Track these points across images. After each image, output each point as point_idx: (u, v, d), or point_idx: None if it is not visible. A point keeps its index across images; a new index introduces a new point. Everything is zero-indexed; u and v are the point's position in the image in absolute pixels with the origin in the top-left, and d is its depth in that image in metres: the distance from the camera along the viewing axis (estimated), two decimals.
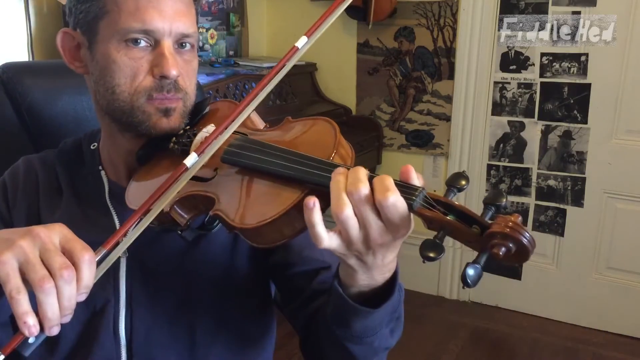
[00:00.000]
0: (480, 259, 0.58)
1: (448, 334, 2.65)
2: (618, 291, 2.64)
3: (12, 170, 0.96)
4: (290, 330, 0.97)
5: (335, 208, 0.61)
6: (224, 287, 0.90)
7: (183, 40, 0.82)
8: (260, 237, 0.70)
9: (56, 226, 0.64)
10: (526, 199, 2.74)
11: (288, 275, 0.91)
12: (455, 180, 0.65)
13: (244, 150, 0.76)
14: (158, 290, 0.87)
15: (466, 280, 0.57)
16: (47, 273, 0.59)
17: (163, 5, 0.78)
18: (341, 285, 0.72)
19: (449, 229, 0.61)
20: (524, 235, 0.57)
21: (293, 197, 0.67)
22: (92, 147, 0.96)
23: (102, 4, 0.79)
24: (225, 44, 2.81)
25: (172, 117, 0.83)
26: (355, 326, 0.73)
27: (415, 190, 0.62)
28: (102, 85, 0.82)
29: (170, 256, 0.88)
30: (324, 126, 0.75)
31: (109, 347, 0.86)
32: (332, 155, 0.70)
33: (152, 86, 0.80)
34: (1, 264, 0.59)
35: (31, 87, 1.12)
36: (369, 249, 0.64)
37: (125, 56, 0.79)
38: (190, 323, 0.88)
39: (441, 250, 0.59)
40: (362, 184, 0.61)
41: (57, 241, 0.63)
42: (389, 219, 0.61)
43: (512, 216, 0.58)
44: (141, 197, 0.81)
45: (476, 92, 2.71)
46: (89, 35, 0.82)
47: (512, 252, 0.57)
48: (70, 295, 0.60)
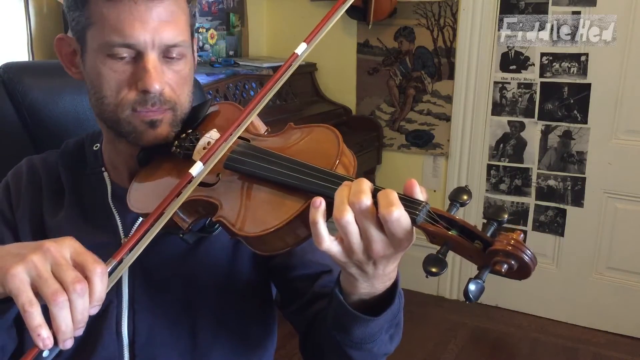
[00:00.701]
0: (482, 274, 0.60)
1: (448, 334, 2.65)
2: (618, 291, 2.64)
3: (15, 172, 0.96)
4: (290, 330, 0.97)
5: (336, 213, 0.62)
6: (225, 289, 0.91)
7: (170, 51, 0.79)
8: (264, 245, 0.70)
9: (66, 240, 0.64)
10: (526, 199, 2.74)
11: (289, 278, 0.91)
12: (457, 195, 0.66)
13: (247, 157, 0.75)
14: (160, 292, 0.88)
15: (468, 296, 0.58)
16: (60, 287, 0.60)
17: (146, 16, 0.75)
18: (342, 293, 0.73)
19: (451, 244, 0.62)
20: (526, 253, 0.59)
21: (296, 206, 0.67)
22: (94, 148, 0.96)
23: (88, 15, 0.77)
24: (225, 44, 2.81)
25: (159, 127, 0.81)
26: (355, 333, 0.74)
27: (419, 204, 0.62)
28: (93, 95, 0.82)
29: (171, 258, 0.88)
30: (327, 134, 0.76)
31: (112, 348, 0.86)
32: (335, 164, 0.70)
33: (135, 99, 0.78)
34: (12, 277, 0.60)
35: (32, 87, 1.13)
36: (370, 260, 0.65)
37: (109, 69, 0.78)
38: (192, 324, 0.89)
39: (444, 266, 0.60)
40: (364, 195, 0.61)
41: (68, 255, 0.63)
42: (393, 233, 0.61)
43: (514, 234, 0.60)
44: (143, 200, 0.82)
45: (476, 92, 2.71)
46: (81, 43, 0.81)
47: (514, 269, 0.59)
48: (83, 308, 0.61)
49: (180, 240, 0.85)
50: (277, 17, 3.09)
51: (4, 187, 0.95)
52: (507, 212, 0.64)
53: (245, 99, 2.38)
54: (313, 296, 0.88)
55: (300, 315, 0.90)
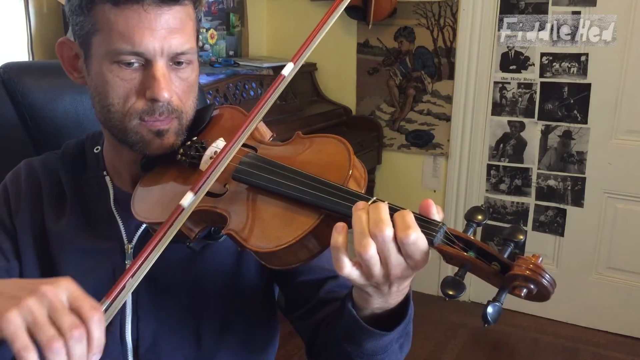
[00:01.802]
0: (500, 296, 0.60)
1: (448, 334, 2.65)
2: (618, 291, 2.64)
3: (13, 175, 0.94)
4: (290, 330, 0.97)
5: (359, 248, 0.61)
6: (229, 294, 0.90)
7: (178, 58, 0.78)
8: (276, 259, 0.70)
9: (62, 282, 0.62)
10: (526, 199, 2.74)
11: (295, 284, 0.90)
12: (473, 215, 0.65)
13: (257, 170, 0.74)
14: (164, 297, 0.87)
15: (487, 319, 0.59)
16: (56, 333, 0.58)
17: (155, 24, 0.74)
18: (354, 307, 0.72)
19: (469, 266, 0.61)
20: (545, 277, 0.59)
21: (309, 222, 0.66)
22: (95, 150, 0.94)
23: (94, 21, 0.76)
24: (225, 44, 2.81)
25: (165, 137, 0.80)
26: (367, 345, 0.74)
27: (435, 225, 0.62)
28: (98, 102, 0.81)
29: (176, 264, 0.87)
30: (337, 146, 0.75)
31: (116, 353, 0.86)
32: (347, 178, 0.70)
33: (144, 109, 0.77)
34: (8, 322, 0.58)
35: (32, 87, 1.12)
36: (387, 281, 0.65)
37: (117, 77, 0.76)
38: (196, 329, 0.88)
39: (462, 289, 0.60)
40: (386, 226, 0.60)
41: (64, 298, 0.61)
42: (410, 255, 0.61)
43: (533, 257, 0.60)
44: (149, 209, 0.80)
45: (476, 92, 2.71)
46: (85, 48, 0.80)
47: (534, 293, 0.60)
48: (81, 353, 0.60)
49: (186, 247, 0.85)
50: (277, 17, 3.09)
51: (2, 191, 0.93)
52: (524, 233, 0.64)
53: (245, 99, 2.38)
54: (319, 302, 0.88)
55: (306, 321, 0.90)
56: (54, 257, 0.88)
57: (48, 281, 0.62)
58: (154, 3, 0.74)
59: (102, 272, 0.86)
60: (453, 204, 2.86)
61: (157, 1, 0.74)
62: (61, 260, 0.87)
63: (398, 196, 2.95)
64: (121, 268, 0.86)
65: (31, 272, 0.88)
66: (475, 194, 2.81)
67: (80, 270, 0.86)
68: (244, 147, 0.78)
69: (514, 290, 0.59)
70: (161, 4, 0.74)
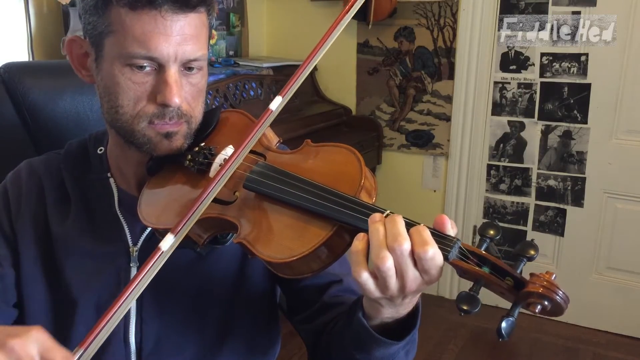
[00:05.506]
0: (514, 311, 0.62)
1: (448, 334, 2.65)
2: (618, 291, 2.64)
3: (13, 176, 0.93)
4: (290, 330, 0.97)
5: (377, 260, 0.61)
6: (233, 297, 0.90)
7: (190, 64, 0.79)
8: (289, 269, 0.70)
9: (32, 333, 0.59)
10: (526, 199, 2.74)
11: (299, 287, 0.90)
12: (486, 230, 0.66)
13: (269, 179, 0.74)
14: (168, 299, 0.87)
15: (502, 334, 0.60)
16: None
17: (170, 30, 0.74)
18: (364, 316, 0.73)
19: (483, 282, 0.62)
20: (559, 294, 0.61)
21: (322, 233, 0.67)
22: (99, 151, 0.93)
23: (109, 22, 0.76)
24: (225, 44, 2.81)
25: (173, 139, 0.80)
26: (376, 354, 0.74)
27: (450, 241, 0.63)
28: (107, 102, 0.80)
29: (181, 266, 0.86)
30: (348, 157, 0.74)
31: (119, 355, 0.86)
32: (359, 190, 0.70)
33: (154, 112, 0.78)
34: None
35: (32, 87, 1.12)
36: (402, 294, 0.65)
37: (129, 80, 0.76)
38: (200, 331, 0.88)
39: (477, 304, 0.61)
40: (404, 240, 0.61)
41: (35, 351, 0.58)
42: (426, 270, 0.62)
43: (547, 274, 0.62)
44: (156, 214, 0.80)
45: (476, 92, 2.71)
46: (96, 48, 0.79)
47: (548, 309, 0.62)
48: None
49: (191, 251, 0.85)
50: (277, 17, 3.09)
51: (2, 194, 0.91)
52: (536, 249, 0.64)
53: (245, 99, 2.38)
54: (322, 306, 0.88)
55: (309, 324, 0.90)
56: (58, 260, 0.87)
57: (17, 333, 0.59)
58: (170, 9, 0.74)
59: (106, 275, 0.86)
60: (453, 204, 2.86)
61: (174, 8, 0.74)
62: (65, 263, 0.87)
63: (398, 196, 2.95)
64: (126, 271, 0.86)
65: (33, 277, 0.88)
66: (475, 194, 2.81)
67: (84, 273, 0.86)
68: (253, 153, 0.78)
69: (529, 307, 0.61)
70: (178, 11, 0.75)
